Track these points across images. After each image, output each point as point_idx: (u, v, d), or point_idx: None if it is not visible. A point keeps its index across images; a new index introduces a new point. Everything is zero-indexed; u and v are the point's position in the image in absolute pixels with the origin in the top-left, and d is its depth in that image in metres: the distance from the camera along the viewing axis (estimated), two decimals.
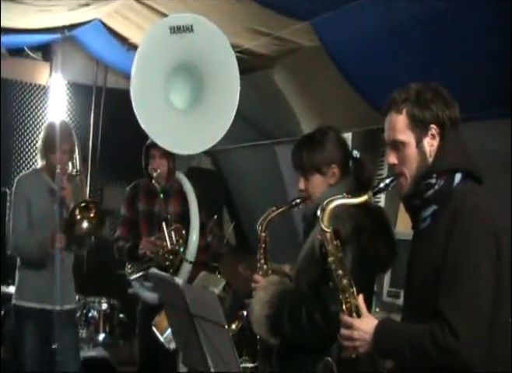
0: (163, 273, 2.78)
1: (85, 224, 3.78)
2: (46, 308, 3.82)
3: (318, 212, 2.11)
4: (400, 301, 3.92)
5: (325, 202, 2.11)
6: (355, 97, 4.23)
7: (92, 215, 3.79)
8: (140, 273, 4.10)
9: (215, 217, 5.40)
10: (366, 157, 2.72)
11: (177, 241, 4.01)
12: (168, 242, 3.97)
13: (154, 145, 3.94)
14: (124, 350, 5.52)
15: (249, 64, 4.73)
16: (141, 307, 4.24)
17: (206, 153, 6.87)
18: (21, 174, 4.15)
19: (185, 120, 3.82)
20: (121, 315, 5.48)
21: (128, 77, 6.41)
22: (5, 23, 4.76)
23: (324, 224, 2.10)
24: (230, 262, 5.19)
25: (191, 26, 3.60)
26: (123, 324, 5.46)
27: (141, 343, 4.27)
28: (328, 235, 2.12)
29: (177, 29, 3.59)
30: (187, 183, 4.20)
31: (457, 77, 3.29)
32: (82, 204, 3.76)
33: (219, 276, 4.67)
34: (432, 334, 1.88)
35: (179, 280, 2.27)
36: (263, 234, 2.75)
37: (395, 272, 4.02)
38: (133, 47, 5.10)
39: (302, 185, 2.64)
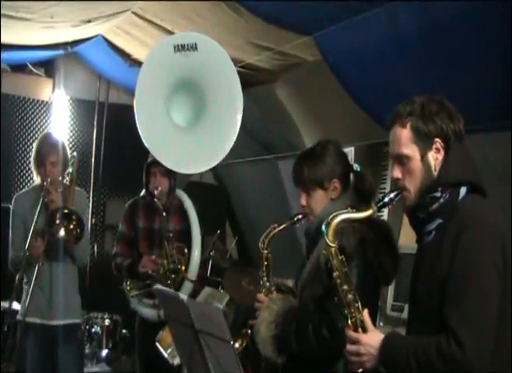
0: (167, 289, 2.77)
1: (61, 232, 3.73)
2: (47, 323, 3.82)
3: (323, 227, 2.11)
4: (404, 315, 3.91)
5: (330, 217, 2.11)
6: (358, 111, 4.23)
7: (71, 227, 3.75)
8: (140, 292, 4.08)
9: (218, 232, 5.40)
10: (366, 170, 2.72)
11: (178, 259, 4.00)
12: (169, 260, 3.96)
13: (155, 163, 3.93)
14: (127, 365, 5.49)
15: (251, 78, 4.75)
16: (139, 323, 4.23)
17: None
18: (18, 192, 4.19)
19: (187, 138, 3.82)
20: (124, 331, 5.46)
21: (130, 92, 6.49)
22: (9, 39, 4.79)
23: (329, 239, 2.10)
24: (233, 276, 5.17)
25: (195, 44, 3.61)
26: (125, 339, 5.43)
27: (140, 359, 4.25)
28: (333, 250, 2.11)
29: (181, 48, 3.61)
30: (187, 201, 4.19)
31: (458, 89, 3.29)
32: (65, 211, 3.74)
33: (222, 291, 4.66)
34: (438, 345, 1.87)
35: (184, 296, 2.26)
36: (265, 251, 2.74)
37: (399, 286, 4.01)
38: (135, 63, 5.12)
39: (303, 201, 2.64)
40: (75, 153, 4.02)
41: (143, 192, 4.23)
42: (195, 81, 3.75)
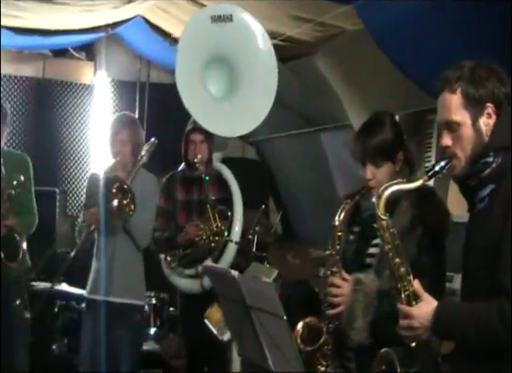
0: (217, 266, 2.77)
1: (114, 202, 3.70)
2: (103, 300, 3.82)
3: (373, 199, 2.08)
4: (453, 285, 3.86)
5: (381, 189, 2.08)
6: (400, 79, 4.16)
7: (125, 202, 3.71)
8: (180, 262, 4.11)
9: (263, 207, 5.39)
10: (409, 139, 2.70)
11: (221, 223, 4.00)
12: (213, 223, 3.97)
13: (193, 131, 3.98)
14: (174, 342, 5.57)
15: (292, 51, 4.71)
16: (181, 299, 4.27)
17: (250, 143, 6.88)
18: (94, 171, 4.21)
19: (224, 108, 3.85)
20: (171, 309, 5.52)
21: (171, 71, 6.49)
22: (49, 25, 4.83)
23: (381, 212, 2.06)
24: (278, 251, 5.17)
25: (231, 15, 3.63)
26: (172, 317, 5.50)
27: (185, 335, 4.32)
28: (385, 222, 2.08)
29: (217, 18, 3.62)
30: (226, 170, 4.21)
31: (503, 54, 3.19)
32: (124, 186, 3.70)
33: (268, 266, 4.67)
34: (500, 311, 1.83)
35: (234, 272, 2.25)
36: (339, 233, 2.58)
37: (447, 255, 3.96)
38: (175, 42, 5.11)
39: (370, 174, 2.54)
40: (153, 139, 3.96)
41: (181, 167, 4.25)
42: (229, 52, 3.77)
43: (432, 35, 3.69)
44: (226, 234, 4.00)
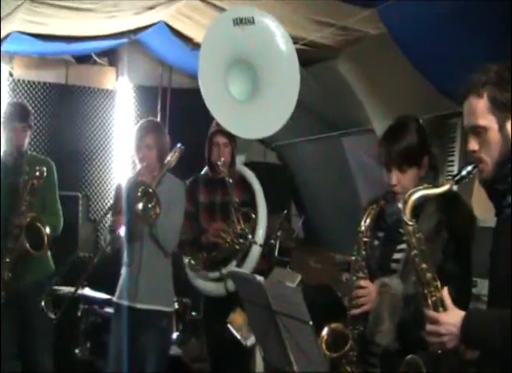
0: (242, 271, 2.77)
1: (139, 205, 3.65)
2: (131, 306, 3.81)
3: (399, 205, 2.07)
4: (477, 290, 3.82)
5: (407, 194, 2.07)
6: (423, 83, 4.14)
7: (150, 205, 3.66)
8: (205, 264, 4.10)
9: (285, 211, 5.39)
10: (432, 144, 2.65)
11: (245, 225, 4.00)
12: (237, 226, 3.96)
13: (217, 133, 3.99)
14: (196, 347, 5.58)
15: (313, 55, 4.70)
16: (204, 304, 4.28)
17: (272, 148, 6.88)
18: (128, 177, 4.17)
19: (246, 111, 3.86)
20: (193, 313, 5.53)
21: (192, 76, 6.51)
22: (73, 31, 4.87)
23: (407, 217, 2.05)
24: (301, 256, 5.17)
25: (252, 18, 3.65)
26: (194, 322, 5.50)
27: (208, 339, 4.31)
28: (411, 228, 2.07)
29: (239, 21, 3.63)
30: (249, 172, 4.21)
31: None
32: (150, 190, 3.67)
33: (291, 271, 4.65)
34: None
35: (260, 278, 2.25)
36: (365, 239, 2.58)
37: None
38: (197, 47, 5.12)
39: (395, 179, 2.53)
40: (179, 144, 3.93)
41: (204, 170, 4.26)
42: (251, 54, 3.78)
43: (454, 39, 3.68)
44: (250, 236, 3.98)
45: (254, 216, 4.05)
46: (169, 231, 3.83)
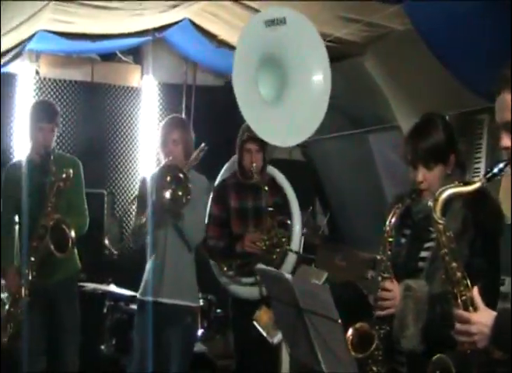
0: (270, 268, 2.76)
1: (167, 194, 3.63)
2: (155, 301, 3.80)
3: (429, 203, 2.05)
4: (504, 289, 3.78)
5: (437, 192, 2.04)
6: (449, 79, 4.10)
7: (180, 193, 3.64)
8: (238, 271, 4.08)
9: (310, 208, 5.37)
10: (459, 140, 2.63)
11: (280, 233, 3.96)
12: (273, 235, 3.93)
13: (250, 139, 3.94)
14: (220, 344, 5.58)
15: (339, 52, 4.68)
16: (232, 302, 4.24)
17: (297, 145, 6.86)
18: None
19: (277, 113, 3.82)
20: (218, 311, 5.54)
21: (217, 74, 6.53)
22: (98, 30, 4.90)
23: (437, 215, 2.03)
24: (326, 253, 5.15)
25: (284, 18, 3.62)
26: (219, 319, 5.51)
27: (236, 338, 4.28)
28: (441, 226, 2.04)
29: (271, 23, 3.61)
30: (280, 176, 4.17)
31: None
32: (180, 174, 3.65)
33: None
34: None
35: (288, 275, 2.24)
36: (390, 239, 2.52)
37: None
38: (222, 44, 5.14)
39: (421, 176, 2.50)
40: (203, 144, 3.87)
41: (226, 172, 4.24)
42: (283, 55, 3.74)
43: (481, 34, 3.63)
44: (285, 243, 3.95)
45: (289, 222, 4.01)
46: (194, 226, 3.81)
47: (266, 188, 3.95)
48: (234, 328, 4.32)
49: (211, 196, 4.21)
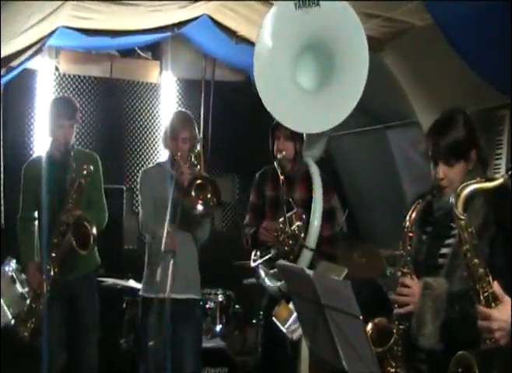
0: (290, 264, 2.76)
1: (199, 207, 3.71)
2: (165, 297, 3.78)
3: (451, 199, 2.04)
4: None
5: (459, 188, 2.03)
6: (470, 75, 4.07)
7: (209, 196, 3.72)
8: (260, 261, 4.06)
9: None
10: (480, 136, 2.59)
11: (297, 226, 3.86)
12: (288, 226, 3.84)
13: (279, 126, 3.86)
14: (239, 340, 5.59)
15: None
16: (268, 298, 4.16)
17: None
18: (146, 167, 4.21)
19: (311, 101, 3.73)
20: (237, 306, 5.55)
21: (236, 69, 6.53)
22: (117, 26, 4.91)
23: (459, 211, 2.02)
24: (344, 249, 5.13)
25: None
26: (238, 315, 5.52)
27: (265, 334, 4.27)
28: (463, 222, 2.04)
29: (301, 4, 3.47)
30: (313, 168, 4.02)
31: None
32: (198, 181, 3.70)
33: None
34: None
35: (309, 271, 2.24)
36: (410, 234, 2.49)
37: None
38: (241, 40, 5.13)
39: (442, 173, 2.48)
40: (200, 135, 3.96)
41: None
42: (320, 40, 3.61)
43: (504, 30, 3.60)
44: (300, 238, 3.85)
45: (304, 217, 3.87)
46: (205, 224, 3.92)
47: (282, 178, 3.84)
48: (264, 322, 4.28)
49: (253, 184, 4.23)
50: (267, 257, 3.97)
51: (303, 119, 3.67)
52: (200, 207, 3.72)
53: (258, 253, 4.06)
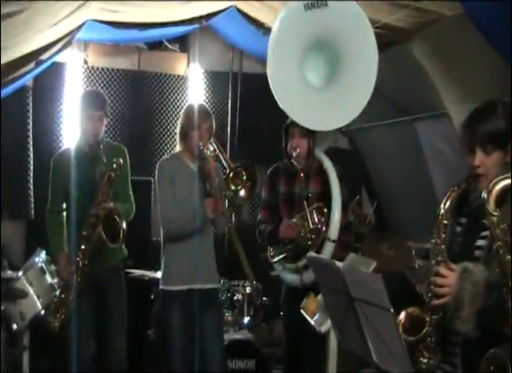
0: (320, 256, 2.76)
1: (242, 192, 3.70)
2: (188, 288, 3.86)
3: (484, 194, 2.00)
4: None
5: (491, 183, 2.00)
6: (502, 66, 4.00)
7: (245, 179, 3.70)
8: (281, 256, 4.10)
9: (358, 197, 5.33)
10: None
11: (318, 220, 3.95)
12: (310, 221, 3.92)
13: (293, 124, 3.95)
14: (267, 332, 5.59)
15: (387, 39, 4.61)
16: (285, 290, 4.26)
17: (343, 133, 6.80)
18: (162, 158, 4.19)
19: (321, 98, 3.80)
20: (264, 298, 5.55)
21: (263, 61, 6.48)
22: (145, 18, 4.92)
23: (491, 207, 1.99)
24: (372, 242, 5.10)
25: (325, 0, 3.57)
26: (265, 307, 5.52)
27: (286, 326, 4.30)
28: (495, 218, 2.00)
29: (311, 6, 3.57)
30: (327, 162, 4.13)
31: None
32: (231, 174, 3.69)
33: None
34: None
35: (339, 264, 2.23)
36: (445, 221, 2.44)
37: None
38: (269, 31, 5.09)
39: (478, 160, 2.43)
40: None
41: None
42: (328, 39, 3.70)
43: None
44: (323, 232, 3.94)
45: (326, 211, 3.98)
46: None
47: (302, 174, 3.96)
48: (283, 314, 4.34)
49: (264, 180, 4.28)
50: (286, 253, 4.02)
51: (312, 116, 3.76)
52: (242, 193, 3.71)
53: (276, 249, 4.14)
